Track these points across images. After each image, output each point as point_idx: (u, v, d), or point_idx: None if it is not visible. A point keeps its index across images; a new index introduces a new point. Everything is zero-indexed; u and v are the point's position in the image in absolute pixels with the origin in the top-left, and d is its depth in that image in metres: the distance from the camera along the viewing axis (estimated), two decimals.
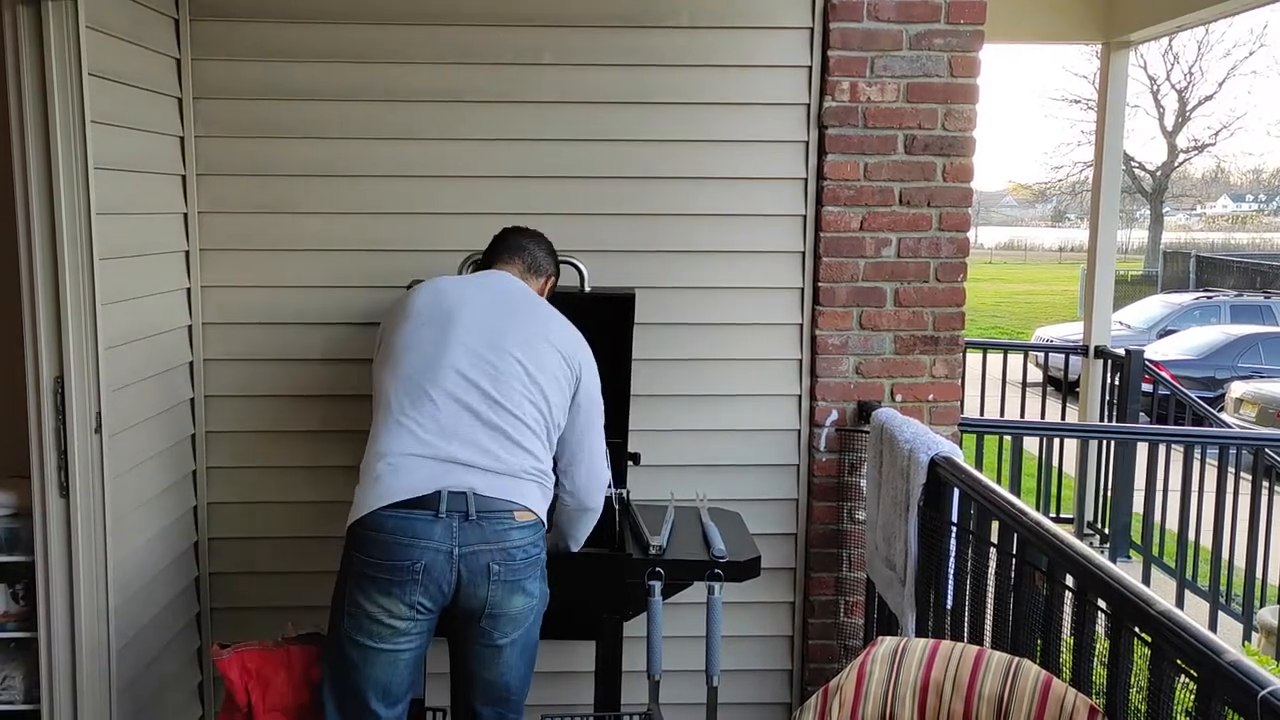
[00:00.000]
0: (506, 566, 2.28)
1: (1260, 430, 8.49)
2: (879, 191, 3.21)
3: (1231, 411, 10.39)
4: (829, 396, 3.27)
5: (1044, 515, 2.43)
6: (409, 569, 2.21)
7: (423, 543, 2.22)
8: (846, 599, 3.33)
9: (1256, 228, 43.33)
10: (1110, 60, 6.13)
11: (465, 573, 2.24)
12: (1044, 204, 44.32)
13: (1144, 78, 29.78)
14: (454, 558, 2.23)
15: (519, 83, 3.14)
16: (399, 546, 2.22)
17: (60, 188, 2.45)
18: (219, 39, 3.08)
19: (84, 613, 2.57)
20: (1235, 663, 1.49)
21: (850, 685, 1.97)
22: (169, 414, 3.04)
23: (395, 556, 2.22)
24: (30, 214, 2.46)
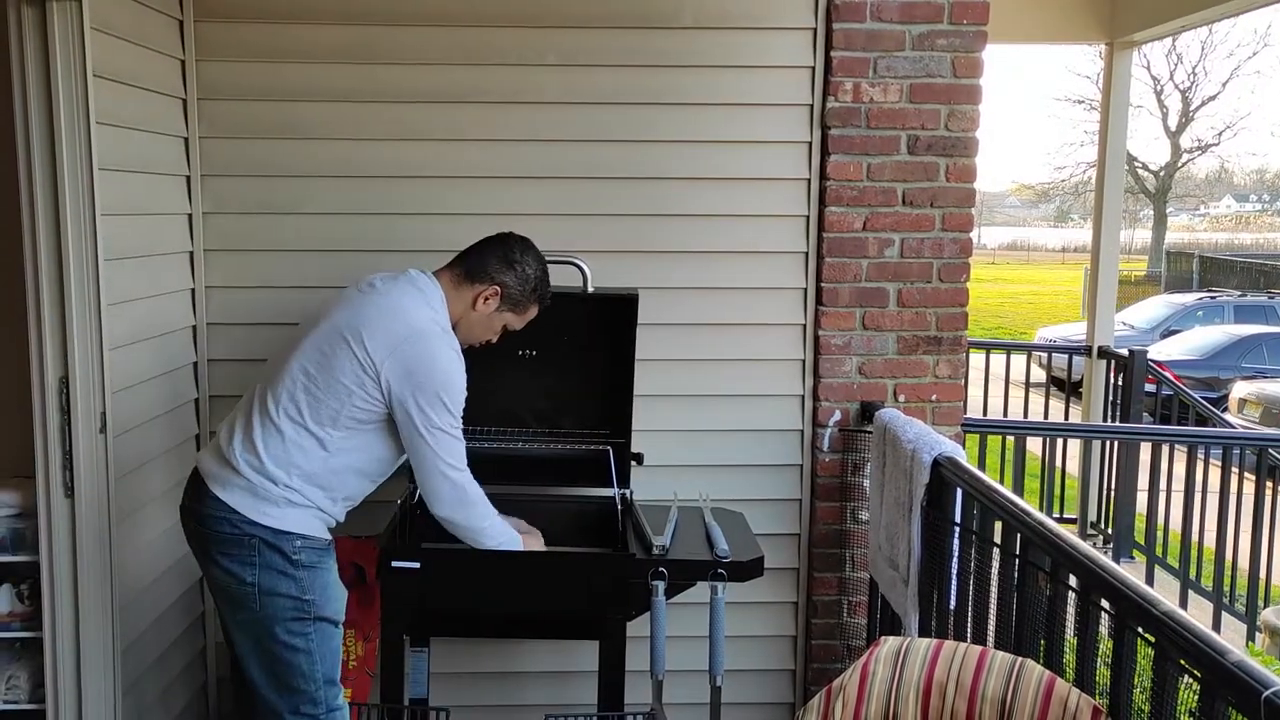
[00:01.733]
0: (201, 528, 2.39)
1: (1264, 430, 8.48)
2: (882, 192, 3.21)
3: (1235, 412, 10.38)
4: (832, 397, 3.27)
5: (1047, 515, 2.43)
6: None
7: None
8: (849, 599, 3.33)
9: (1260, 228, 43.26)
10: (1114, 60, 6.13)
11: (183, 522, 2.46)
12: (1047, 204, 44.28)
13: (1147, 78, 29.79)
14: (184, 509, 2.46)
15: (522, 83, 3.15)
16: None
17: (65, 189, 2.45)
18: (223, 40, 3.09)
19: (89, 612, 2.57)
20: (1239, 663, 1.49)
21: (853, 685, 1.97)
22: (173, 414, 3.04)
23: None
24: (35, 215, 2.46)
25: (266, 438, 2.37)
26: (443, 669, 3.19)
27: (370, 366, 2.36)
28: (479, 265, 2.55)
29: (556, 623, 2.99)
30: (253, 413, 2.41)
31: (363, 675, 3.11)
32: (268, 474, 2.35)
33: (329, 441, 2.38)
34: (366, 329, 2.38)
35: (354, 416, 2.39)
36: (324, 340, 2.40)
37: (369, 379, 2.36)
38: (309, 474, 2.39)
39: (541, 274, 2.62)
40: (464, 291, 2.55)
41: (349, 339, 2.38)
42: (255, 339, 3.19)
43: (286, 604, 2.38)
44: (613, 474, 3.00)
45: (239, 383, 3.19)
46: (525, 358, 3.10)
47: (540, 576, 2.71)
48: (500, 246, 2.58)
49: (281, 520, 2.37)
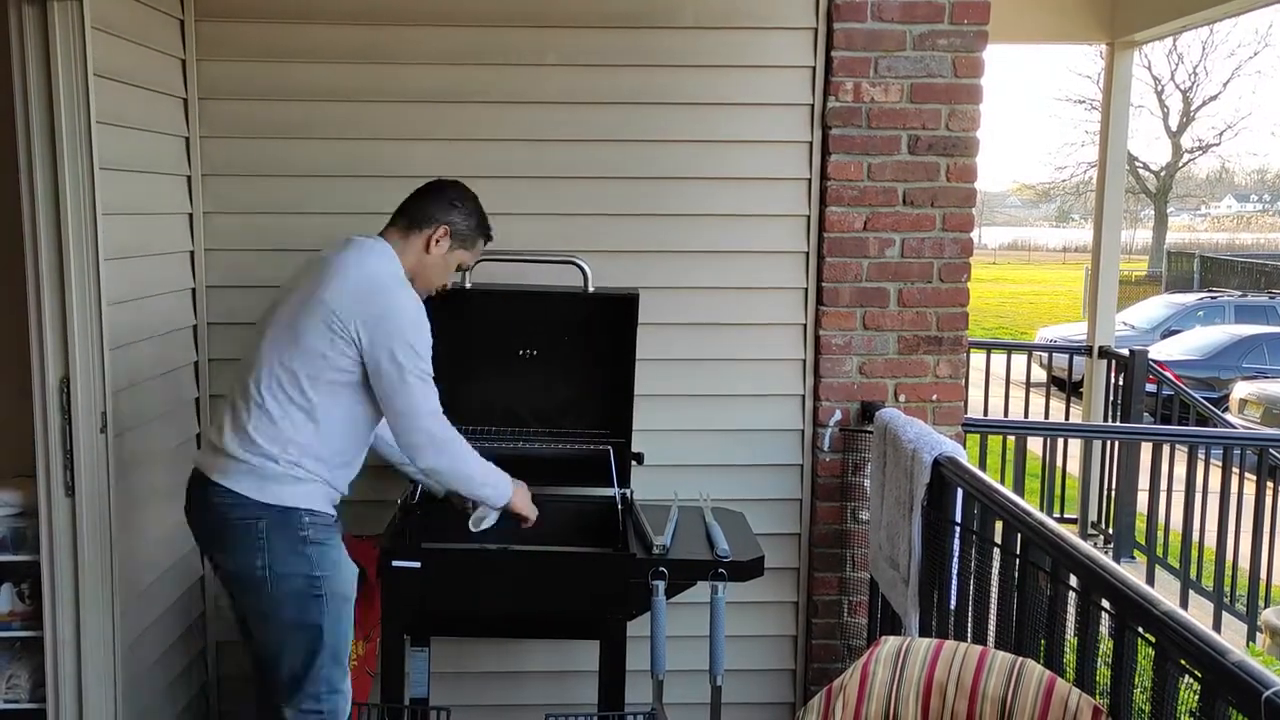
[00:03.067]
0: (207, 517, 2.42)
1: (1264, 430, 8.48)
2: (883, 192, 3.21)
3: (1235, 412, 10.38)
4: (832, 396, 3.27)
5: (1048, 515, 2.43)
6: None
7: None
8: (850, 599, 3.33)
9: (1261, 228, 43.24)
10: (1114, 60, 6.13)
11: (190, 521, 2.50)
12: (1048, 204, 44.25)
13: (1148, 78, 29.78)
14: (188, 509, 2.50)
15: (523, 83, 3.15)
16: None
17: (66, 188, 2.46)
18: (224, 40, 3.09)
19: (89, 612, 2.58)
20: (1239, 663, 1.49)
21: (854, 685, 1.97)
22: (174, 413, 3.04)
23: None
24: (36, 214, 2.46)
25: (256, 421, 2.38)
26: (443, 669, 3.19)
27: (338, 324, 2.37)
28: (421, 212, 2.57)
29: (557, 623, 2.99)
30: (236, 403, 2.43)
31: (363, 675, 3.11)
32: (266, 453, 2.37)
33: (314, 410, 2.39)
34: (327, 290, 2.39)
35: (331, 380, 2.39)
36: (287, 315, 2.43)
37: (339, 338, 2.37)
38: (304, 446, 2.39)
39: (480, 209, 2.66)
40: (414, 240, 2.56)
41: (311, 305, 2.39)
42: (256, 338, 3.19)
43: (299, 583, 2.39)
44: (613, 474, 3.00)
45: None
46: (525, 358, 3.10)
47: (540, 576, 2.71)
48: (436, 192, 2.62)
49: (288, 497, 2.38)
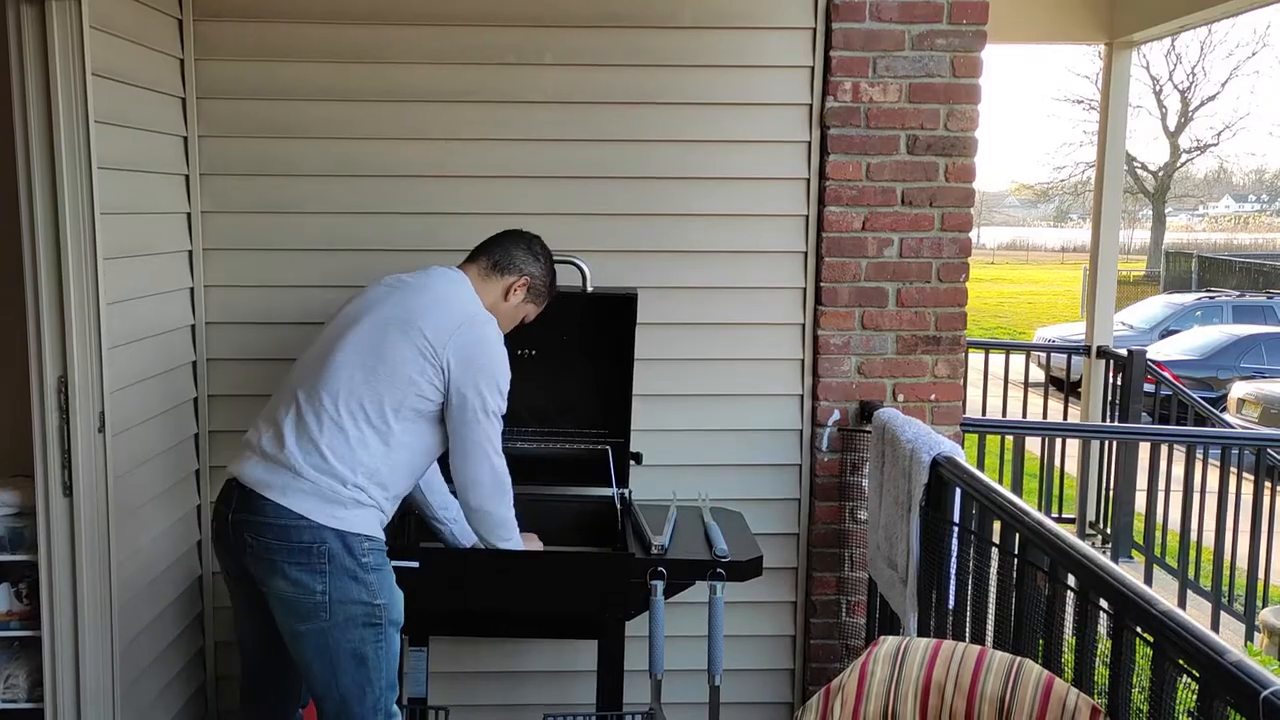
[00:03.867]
0: (263, 539, 2.28)
1: (1262, 430, 8.48)
2: (881, 192, 3.21)
3: (1234, 412, 10.38)
4: (831, 396, 3.27)
5: (1046, 515, 2.43)
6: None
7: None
8: (848, 599, 3.33)
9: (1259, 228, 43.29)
10: (1113, 60, 6.13)
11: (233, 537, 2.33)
12: (1046, 204, 44.28)
13: (1146, 78, 29.82)
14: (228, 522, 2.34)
15: (521, 83, 3.15)
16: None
17: (64, 187, 2.45)
18: (222, 39, 3.09)
19: (87, 612, 2.57)
20: (1237, 663, 1.49)
21: (852, 685, 1.98)
22: (172, 413, 3.04)
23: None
24: (34, 214, 2.46)
25: (330, 437, 2.30)
26: (442, 668, 3.19)
27: (431, 353, 2.35)
28: (506, 258, 2.58)
29: (556, 622, 2.99)
30: (305, 413, 2.33)
31: None
32: (335, 474, 2.29)
33: (391, 435, 2.34)
34: (422, 318, 2.38)
35: (415, 408, 2.37)
36: (376, 333, 2.38)
37: (430, 366, 2.35)
38: (372, 470, 2.33)
39: (554, 267, 2.71)
40: (493, 283, 2.57)
41: (406, 329, 2.36)
42: (254, 338, 3.19)
43: (358, 610, 2.31)
44: (612, 474, 3.00)
45: (238, 382, 3.20)
46: (525, 358, 3.10)
47: (539, 576, 2.71)
48: (523, 240, 2.64)
49: (351, 522, 2.30)
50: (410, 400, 2.36)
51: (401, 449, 2.37)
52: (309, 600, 2.28)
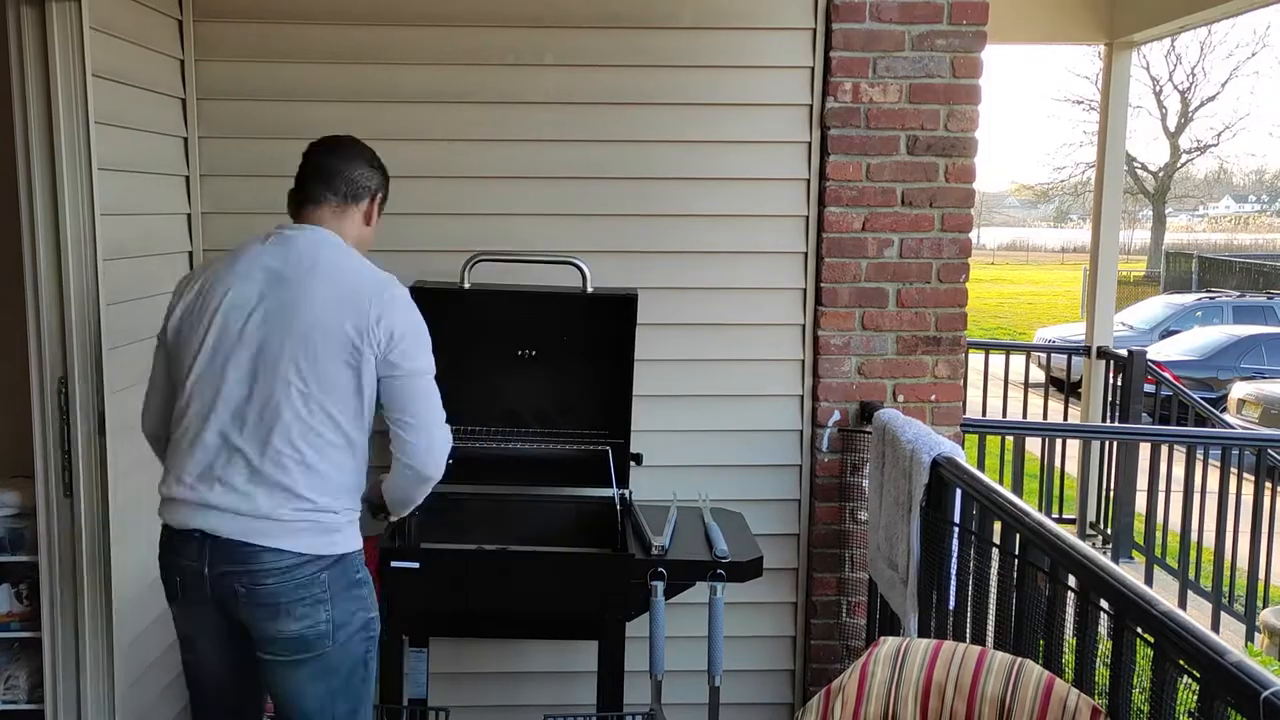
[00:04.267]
0: (262, 585, 2.12)
1: (1263, 431, 8.48)
2: (881, 192, 3.21)
3: (1234, 412, 10.38)
4: (831, 397, 3.27)
5: (1046, 516, 2.43)
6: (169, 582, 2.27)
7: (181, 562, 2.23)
8: (849, 599, 3.33)
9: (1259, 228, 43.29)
10: (1113, 61, 6.13)
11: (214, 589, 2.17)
12: (1046, 205, 44.27)
13: (1146, 78, 29.82)
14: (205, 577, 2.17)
15: (521, 83, 3.14)
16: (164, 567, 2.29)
17: (64, 188, 2.46)
18: (222, 40, 3.09)
19: (87, 613, 2.57)
20: (1238, 663, 1.49)
21: (852, 686, 1.97)
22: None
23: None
24: (34, 214, 2.46)
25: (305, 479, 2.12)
26: (442, 669, 3.19)
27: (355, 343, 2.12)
28: (351, 185, 2.31)
29: (556, 623, 2.99)
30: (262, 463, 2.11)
31: None
32: (323, 507, 2.14)
33: (353, 445, 2.18)
34: (330, 310, 2.13)
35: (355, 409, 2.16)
36: (287, 350, 2.11)
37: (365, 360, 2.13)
38: (352, 487, 2.20)
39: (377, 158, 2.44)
40: (352, 215, 2.32)
41: (319, 332, 2.11)
42: None
43: (358, 630, 2.22)
44: (612, 474, 3.00)
45: None
46: (524, 358, 3.10)
47: (539, 577, 2.71)
48: (354, 156, 2.35)
49: (344, 542, 2.19)
50: (352, 403, 2.15)
51: (363, 449, 2.24)
52: (313, 631, 2.15)
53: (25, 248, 2.48)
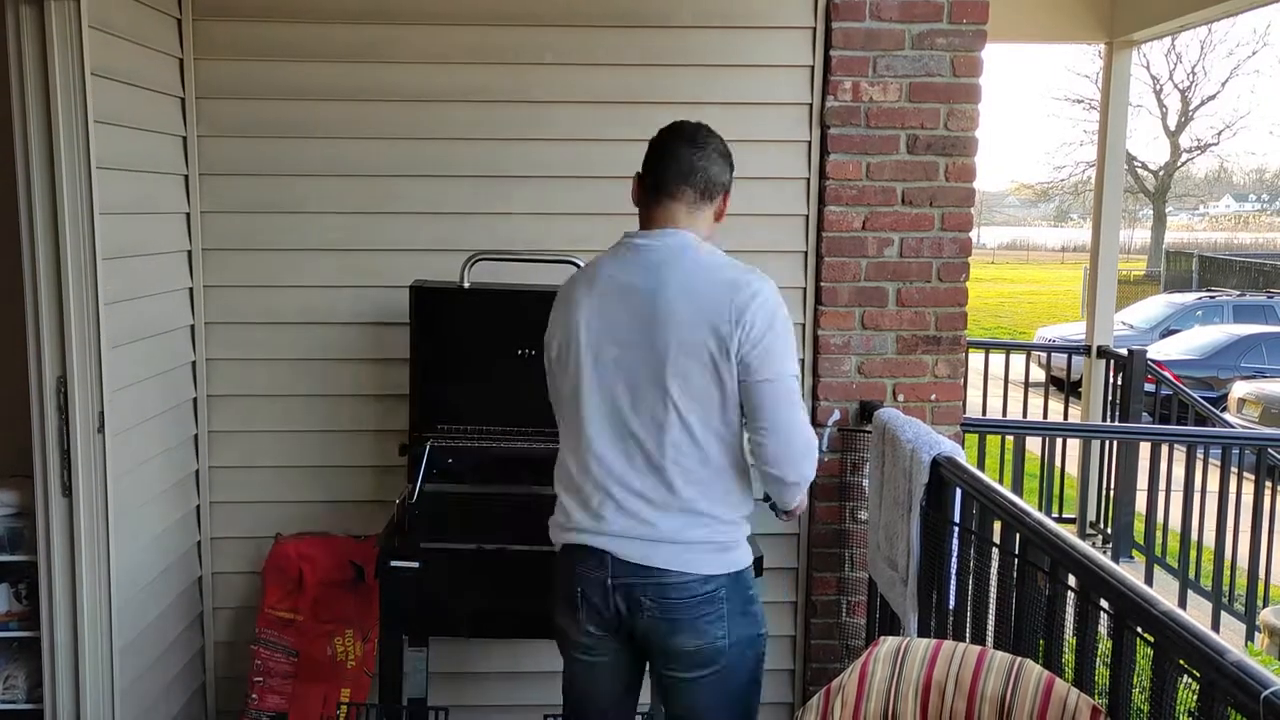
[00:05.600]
0: (660, 603, 2.11)
1: (1263, 430, 8.49)
2: (881, 191, 3.20)
3: (1234, 411, 10.38)
4: (831, 396, 3.27)
5: (1046, 515, 2.43)
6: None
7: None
8: (849, 599, 3.33)
9: (1259, 227, 43.33)
10: (1113, 60, 6.13)
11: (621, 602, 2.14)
12: (1046, 204, 44.31)
13: (1147, 77, 29.83)
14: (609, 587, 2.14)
15: (520, 82, 3.14)
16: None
17: (63, 187, 2.45)
18: (221, 39, 3.09)
19: (86, 612, 2.57)
20: (1238, 663, 1.49)
21: (852, 685, 1.97)
22: (171, 414, 3.04)
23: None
24: (33, 214, 2.46)
25: (692, 489, 2.10)
26: (441, 669, 3.19)
27: (718, 345, 2.06)
28: (705, 179, 2.21)
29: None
30: (650, 474, 2.09)
31: (361, 675, 3.11)
32: (722, 519, 2.15)
33: (733, 453, 2.15)
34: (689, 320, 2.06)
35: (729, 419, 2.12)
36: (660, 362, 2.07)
37: (728, 362, 2.07)
38: (742, 500, 2.20)
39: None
40: (705, 211, 2.23)
41: (679, 343, 2.06)
42: (253, 338, 3.19)
43: (756, 646, 2.23)
44: None
45: (237, 382, 3.20)
46: (525, 358, 3.09)
47: (539, 576, 2.71)
48: (703, 148, 2.24)
49: (740, 559, 2.19)
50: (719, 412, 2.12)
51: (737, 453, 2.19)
52: (712, 649, 2.15)
53: (24, 247, 2.48)
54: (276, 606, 3.06)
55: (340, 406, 3.21)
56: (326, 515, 3.22)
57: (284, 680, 3.05)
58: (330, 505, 3.23)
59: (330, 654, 3.04)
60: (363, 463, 3.22)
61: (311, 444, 3.23)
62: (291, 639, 3.03)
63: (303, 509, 3.23)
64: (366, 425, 3.21)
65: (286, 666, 3.04)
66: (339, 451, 3.21)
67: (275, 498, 3.24)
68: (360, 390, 3.20)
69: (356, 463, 3.22)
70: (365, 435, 3.20)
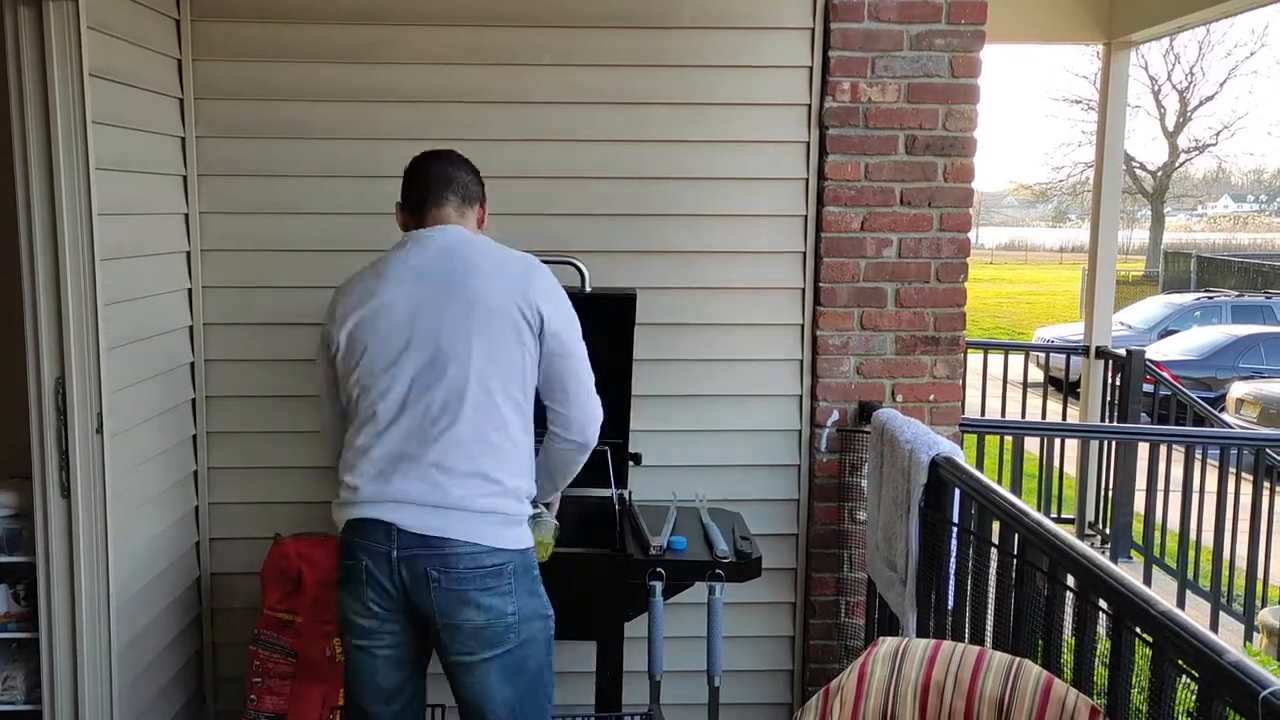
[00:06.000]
0: (446, 575, 2.14)
1: (1261, 430, 8.49)
2: (880, 192, 3.21)
3: (1233, 412, 10.39)
4: (830, 397, 3.27)
5: (1045, 515, 2.43)
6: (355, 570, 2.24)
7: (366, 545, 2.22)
8: (847, 599, 3.33)
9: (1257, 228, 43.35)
10: (1111, 60, 6.13)
11: (407, 577, 2.17)
12: (1045, 204, 44.32)
13: (1145, 78, 29.85)
14: (393, 560, 2.17)
15: (519, 83, 3.14)
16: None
17: (61, 188, 2.45)
18: (220, 39, 3.09)
19: (85, 613, 2.57)
20: (1237, 663, 1.49)
21: (851, 685, 1.97)
22: (170, 414, 3.04)
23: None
24: (31, 214, 2.46)
25: (491, 458, 2.16)
26: (439, 669, 3.18)
27: (524, 319, 2.21)
28: (466, 189, 2.39)
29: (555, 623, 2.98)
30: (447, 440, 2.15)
31: None
32: (512, 493, 2.20)
33: (527, 424, 2.24)
34: (494, 294, 2.20)
35: (526, 383, 2.23)
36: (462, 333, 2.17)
37: (527, 332, 2.22)
38: (531, 471, 2.26)
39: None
40: (469, 216, 2.39)
41: (486, 312, 2.18)
42: (252, 339, 3.19)
43: (540, 625, 2.25)
44: (611, 474, 3.00)
45: (236, 383, 3.19)
46: None
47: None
48: (459, 163, 2.43)
49: (527, 537, 2.24)
50: (521, 378, 2.23)
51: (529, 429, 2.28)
52: (499, 623, 2.18)
53: (23, 248, 2.47)
54: (275, 607, 3.06)
55: None
56: (325, 516, 3.20)
57: (283, 681, 3.04)
58: (329, 506, 3.22)
59: (329, 655, 3.04)
60: None
61: (310, 444, 3.22)
62: (290, 640, 3.03)
63: (302, 509, 3.23)
64: None
65: (285, 667, 3.04)
66: None
67: (274, 498, 3.24)
68: None
69: None
70: None
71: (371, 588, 2.19)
